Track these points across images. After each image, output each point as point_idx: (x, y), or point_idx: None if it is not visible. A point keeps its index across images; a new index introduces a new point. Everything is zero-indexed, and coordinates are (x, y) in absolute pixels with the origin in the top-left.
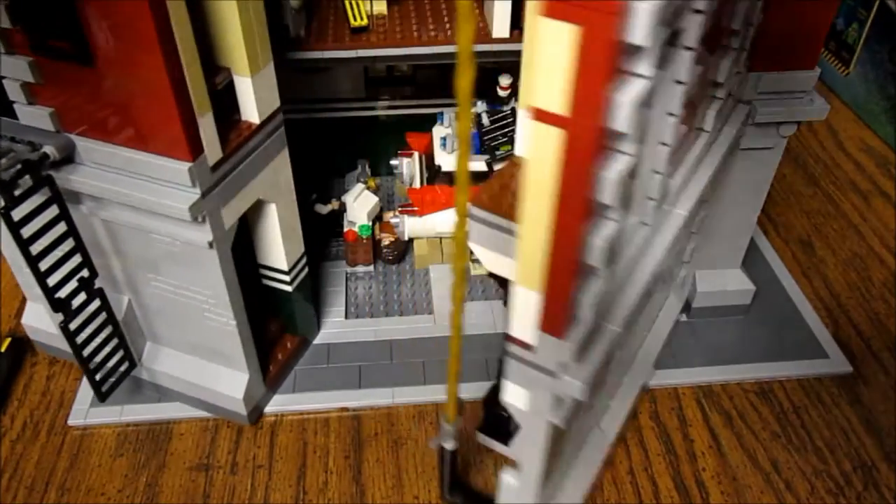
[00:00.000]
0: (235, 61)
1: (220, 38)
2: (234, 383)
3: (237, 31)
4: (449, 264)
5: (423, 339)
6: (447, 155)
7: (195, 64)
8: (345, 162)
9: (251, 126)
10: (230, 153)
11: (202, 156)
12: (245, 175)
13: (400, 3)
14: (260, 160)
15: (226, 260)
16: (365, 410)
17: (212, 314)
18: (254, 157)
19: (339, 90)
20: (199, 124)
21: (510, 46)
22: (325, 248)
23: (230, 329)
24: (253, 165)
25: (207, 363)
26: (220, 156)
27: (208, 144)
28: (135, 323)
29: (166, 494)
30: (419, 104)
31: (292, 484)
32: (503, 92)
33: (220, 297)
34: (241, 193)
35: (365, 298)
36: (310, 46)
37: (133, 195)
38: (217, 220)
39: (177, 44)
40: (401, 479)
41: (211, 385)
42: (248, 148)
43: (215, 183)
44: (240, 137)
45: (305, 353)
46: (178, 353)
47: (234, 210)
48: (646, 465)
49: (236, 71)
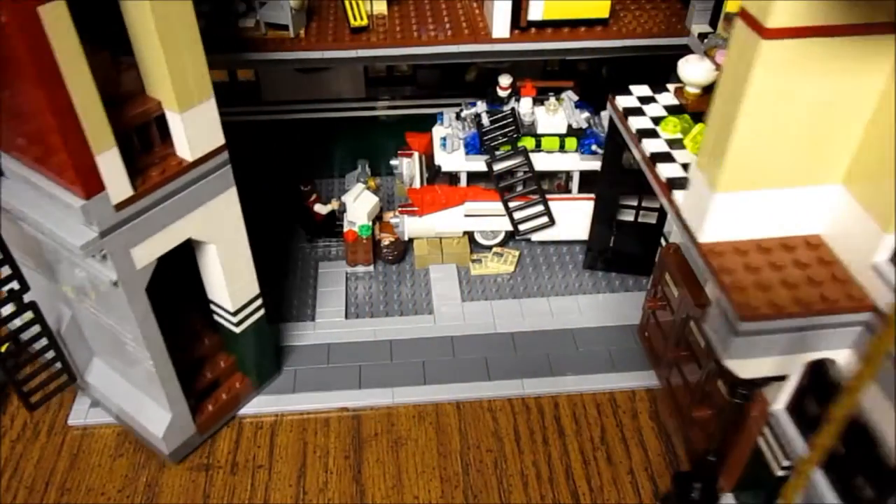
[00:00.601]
0: (164, 96)
1: (148, 70)
2: (157, 420)
3: (162, 65)
4: (449, 264)
5: (423, 339)
6: (447, 155)
7: (91, 100)
8: (345, 162)
9: (181, 163)
10: (148, 190)
11: (102, 193)
12: (169, 214)
13: (400, 3)
14: (191, 199)
15: (137, 300)
16: (365, 410)
17: (131, 348)
18: (183, 195)
19: (339, 90)
20: (96, 161)
21: (510, 46)
22: (325, 248)
23: (149, 367)
24: (181, 204)
25: (138, 392)
26: (128, 194)
27: (112, 182)
28: (79, 337)
29: (166, 494)
30: (419, 104)
31: (292, 484)
32: (503, 92)
33: (136, 335)
34: (161, 233)
35: (365, 298)
36: (310, 46)
37: (34, 218)
38: (124, 260)
39: (64, 79)
40: (401, 479)
41: (136, 415)
42: (174, 186)
43: (123, 221)
44: (163, 175)
45: (305, 354)
46: (115, 375)
47: (151, 250)
48: (646, 464)
49: (165, 105)
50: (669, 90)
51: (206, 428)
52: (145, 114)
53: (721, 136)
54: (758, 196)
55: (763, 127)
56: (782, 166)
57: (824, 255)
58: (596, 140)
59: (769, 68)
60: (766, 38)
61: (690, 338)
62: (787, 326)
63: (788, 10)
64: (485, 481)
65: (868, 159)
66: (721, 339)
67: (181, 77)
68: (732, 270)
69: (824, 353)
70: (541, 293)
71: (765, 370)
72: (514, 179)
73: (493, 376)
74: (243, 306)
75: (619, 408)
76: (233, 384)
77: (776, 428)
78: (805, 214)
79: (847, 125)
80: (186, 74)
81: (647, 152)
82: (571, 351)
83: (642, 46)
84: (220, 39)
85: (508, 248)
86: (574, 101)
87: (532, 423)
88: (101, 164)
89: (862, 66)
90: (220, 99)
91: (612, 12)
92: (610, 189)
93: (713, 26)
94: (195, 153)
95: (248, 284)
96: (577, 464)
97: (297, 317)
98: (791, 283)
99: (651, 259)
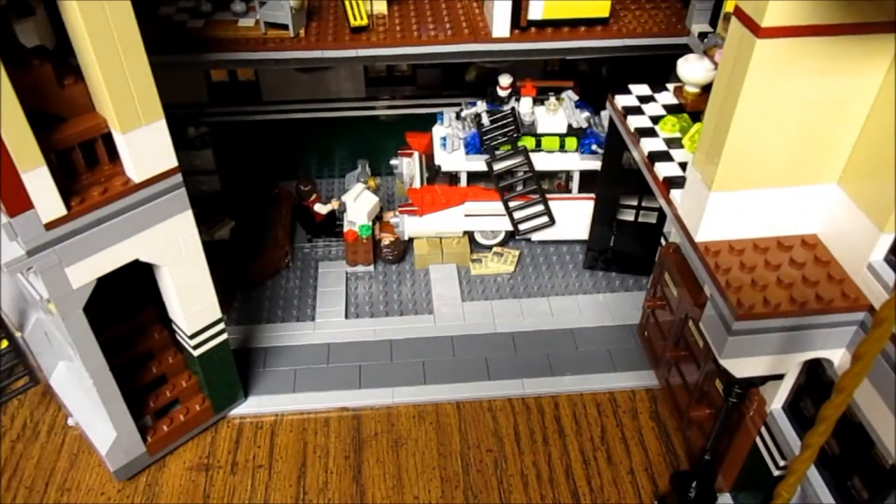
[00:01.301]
0: (107, 114)
1: (92, 88)
2: (103, 436)
3: (101, 83)
4: (449, 264)
5: (423, 339)
6: (447, 155)
7: (13, 117)
8: (345, 162)
9: (127, 183)
10: (86, 209)
11: (30, 212)
12: (112, 234)
13: (400, 2)
14: (138, 221)
15: (72, 319)
16: (365, 410)
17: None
18: (128, 217)
19: (338, 90)
20: (22, 179)
21: (510, 46)
22: (325, 248)
23: (90, 385)
24: (127, 225)
25: (90, 403)
26: (61, 213)
27: (41, 200)
28: (46, 340)
29: (166, 494)
30: (419, 104)
31: (292, 484)
32: (503, 92)
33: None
34: (103, 253)
35: (365, 298)
36: (310, 46)
37: None
38: (58, 279)
39: None
40: (401, 479)
41: (86, 428)
42: (117, 206)
43: (55, 240)
44: (105, 194)
45: (305, 354)
46: (73, 383)
47: (90, 270)
48: (646, 464)
49: (110, 123)
50: (669, 89)
51: (158, 448)
52: (86, 132)
53: (717, 135)
54: (754, 195)
55: (759, 126)
56: (778, 165)
57: (820, 255)
58: (596, 140)
59: (764, 67)
60: (761, 37)
61: (689, 338)
62: (783, 325)
63: (784, 9)
64: (485, 481)
65: (864, 158)
66: (717, 338)
67: (122, 97)
68: (728, 269)
69: (820, 353)
70: (541, 293)
71: (760, 369)
72: (514, 179)
73: (493, 376)
74: (201, 330)
75: (619, 408)
76: (192, 406)
77: (773, 427)
78: (801, 214)
79: (843, 124)
80: (128, 94)
81: (646, 151)
82: (571, 351)
83: (642, 46)
84: (219, 40)
85: (508, 247)
86: (574, 100)
87: (532, 422)
88: (27, 183)
89: (858, 66)
90: (220, 99)
91: (612, 12)
92: (610, 189)
93: (713, 26)
94: (141, 175)
95: (206, 309)
96: (577, 464)
97: (297, 317)
98: (787, 283)
99: (651, 259)
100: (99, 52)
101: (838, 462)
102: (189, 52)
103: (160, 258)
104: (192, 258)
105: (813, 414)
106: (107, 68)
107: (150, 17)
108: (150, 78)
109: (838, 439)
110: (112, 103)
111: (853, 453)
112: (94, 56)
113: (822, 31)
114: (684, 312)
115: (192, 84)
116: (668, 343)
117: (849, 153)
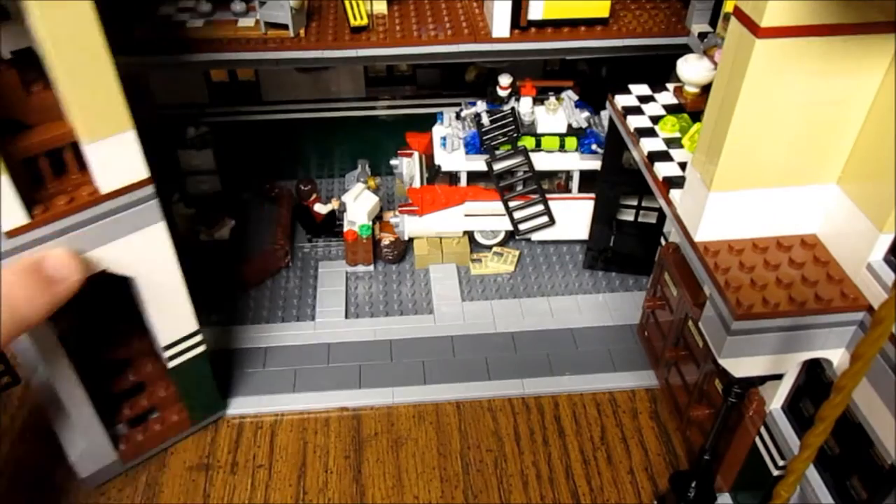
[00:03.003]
0: (74, 122)
1: (60, 96)
2: (74, 443)
3: (64, 91)
4: (449, 264)
5: (423, 338)
6: (447, 154)
7: None
8: (345, 162)
9: (94, 193)
10: (50, 219)
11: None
12: (78, 244)
13: (400, 2)
14: (106, 231)
15: (38, 333)
16: (365, 410)
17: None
18: (96, 227)
19: (339, 90)
20: None
21: (510, 46)
22: (325, 248)
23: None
24: (94, 235)
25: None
26: (22, 222)
27: (2, 208)
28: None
29: (166, 494)
30: (419, 104)
31: (292, 484)
32: (503, 91)
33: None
34: None
35: (365, 298)
36: (310, 46)
37: None
38: None
39: None
40: (401, 479)
41: (59, 432)
42: (84, 216)
43: (18, 248)
44: (71, 204)
45: (305, 354)
46: None
47: None
48: (646, 464)
49: (77, 132)
50: (669, 89)
51: (131, 457)
52: (51, 141)
53: (716, 134)
54: (753, 195)
55: (758, 126)
56: (778, 165)
57: (819, 255)
58: (596, 139)
59: (764, 67)
60: (760, 37)
61: (689, 338)
62: (782, 325)
63: (783, 10)
64: (485, 481)
65: (864, 158)
66: (716, 338)
67: (86, 106)
68: (727, 269)
69: (819, 353)
70: (541, 293)
71: (760, 369)
72: (514, 179)
73: (493, 376)
74: (176, 342)
75: (619, 408)
76: (169, 415)
77: (773, 427)
78: (800, 214)
79: (842, 124)
80: (93, 104)
81: (645, 151)
82: (571, 351)
83: (642, 46)
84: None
85: (508, 247)
86: (574, 100)
87: (532, 422)
88: None
89: (857, 66)
90: (220, 99)
91: (612, 12)
92: (610, 189)
93: (713, 26)
94: (109, 185)
95: (181, 320)
96: (577, 464)
97: (297, 317)
98: (786, 282)
99: (651, 259)
100: (60, 59)
101: (837, 462)
102: (189, 52)
103: (130, 270)
104: (165, 270)
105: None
106: (68, 76)
107: (150, 18)
108: (116, 88)
109: (837, 439)
110: (76, 112)
111: (852, 453)
112: (55, 63)
113: (822, 32)
114: (684, 312)
115: (192, 84)
116: (668, 343)
117: (848, 153)
